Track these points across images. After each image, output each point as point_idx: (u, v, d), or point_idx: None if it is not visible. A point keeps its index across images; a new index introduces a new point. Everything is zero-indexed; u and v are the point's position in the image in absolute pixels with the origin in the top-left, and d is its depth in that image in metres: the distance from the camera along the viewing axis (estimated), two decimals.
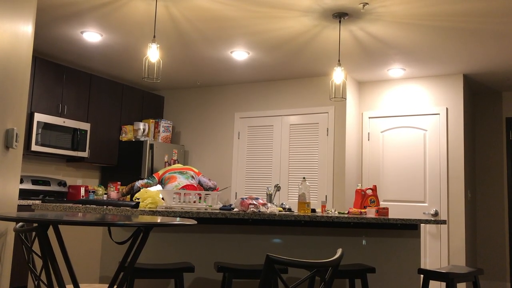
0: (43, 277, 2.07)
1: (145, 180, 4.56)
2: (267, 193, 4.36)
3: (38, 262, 3.01)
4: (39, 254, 2.21)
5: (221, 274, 3.35)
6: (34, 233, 2.09)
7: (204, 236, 3.38)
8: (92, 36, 4.78)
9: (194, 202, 3.50)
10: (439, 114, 5.74)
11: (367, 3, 3.79)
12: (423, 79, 5.88)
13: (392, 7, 3.84)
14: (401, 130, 5.94)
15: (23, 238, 2.13)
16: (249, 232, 3.50)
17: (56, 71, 5.53)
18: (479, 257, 6.34)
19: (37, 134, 5.20)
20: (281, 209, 3.93)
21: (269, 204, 3.41)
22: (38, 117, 5.22)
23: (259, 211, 3.28)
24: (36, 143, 5.19)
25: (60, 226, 3.04)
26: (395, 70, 5.60)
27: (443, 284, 5.44)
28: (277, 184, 4.63)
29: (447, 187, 5.60)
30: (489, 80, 5.89)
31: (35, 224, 1.90)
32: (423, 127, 5.82)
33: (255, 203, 3.35)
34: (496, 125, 6.45)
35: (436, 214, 5.64)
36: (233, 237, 3.45)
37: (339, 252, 1.85)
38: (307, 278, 1.74)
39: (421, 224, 5.07)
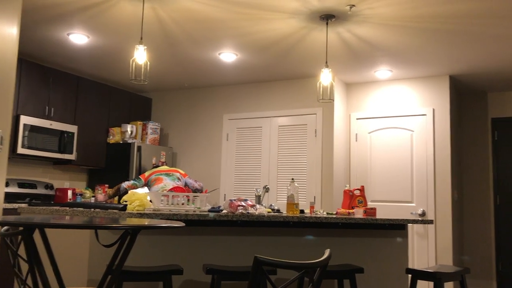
0: (29, 281, 2.05)
1: (132, 182, 4.53)
2: (255, 195, 4.36)
3: (24, 267, 2.97)
4: (25, 258, 2.18)
5: (209, 276, 3.34)
6: (20, 237, 2.06)
7: (193, 238, 3.37)
8: (78, 38, 4.75)
9: (183, 204, 3.48)
10: (425, 115, 5.79)
11: (354, 5, 3.81)
12: (409, 80, 5.93)
13: (378, 9, 3.87)
14: (388, 131, 5.98)
15: (8, 242, 2.11)
16: (238, 234, 3.49)
17: (43, 73, 5.48)
18: (466, 256, 6.40)
19: (23, 136, 5.14)
20: (270, 210, 3.93)
21: (257, 206, 3.41)
22: (24, 119, 5.17)
23: (248, 212, 3.28)
24: (23, 146, 5.14)
25: (46, 230, 3.01)
26: (382, 71, 5.64)
27: (431, 283, 5.48)
28: (266, 186, 4.63)
29: (434, 187, 5.64)
30: (475, 81, 5.96)
31: (20, 228, 1.88)
32: (410, 128, 5.86)
33: (244, 204, 3.35)
34: (482, 125, 6.52)
35: (423, 214, 5.68)
36: (222, 239, 3.45)
37: (327, 252, 1.86)
38: (296, 279, 1.75)
39: (409, 224, 5.11)
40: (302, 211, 3.95)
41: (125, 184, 4.52)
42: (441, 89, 5.76)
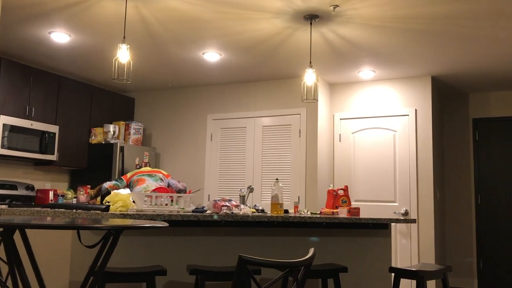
0: (10, 283, 2.01)
1: (113, 182, 4.48)
2: (240, 195, 4.35)
3: (4, 268, 2.92)
4: (5, 260, 2.14)
5: (193, 276, 3.32)
6: None
7: (177, 239, 3.35)
8: (60, 36, 4.68)
9: (166, 204, 3.46)
10: (408, 115, 5.85)
11: (337, 6, 3.83)
12: (392, 80, 5.98)
13: (362, 9, 3.89)
14: (371, 131, 6.02)
15: None
16: (222, 234, 3.48)
17: (23, 72, 5.39)
18: (448, 254, 6.48)
19: (3, 137, 5.05)
20: (254, 210, 3.92)
21: (242, 206, 3.40)
22: (4, 119, 5.09)
23: (232, 212, 3.27)
24: (2, 146, 5.05)
25: (27, 231, 2.96)
26: (365, 72, 5.68)
27: (414, 282, 5.53)
28: (250, 186, 4.62)
29: (417, 187, 5.70)
30: (457, 81, 6.04)
31: (0, 229, 1.85)
32: (392, 128, 5.91)
33: (228, 205, 3.33)
34: (463, 125, 6.61)
35: (406, 213, 5.73)
36: (206, 239, 3.43)
37: (311, 251, 1.86)
38: (280, 278, 1.74)
39: (392, 224, 5.14)
40: (286, 211, 3.95)
41: (106, 184, 4.47)
42: (423, 89, 5.82)
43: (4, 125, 5.08)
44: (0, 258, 2.08)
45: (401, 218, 3.74)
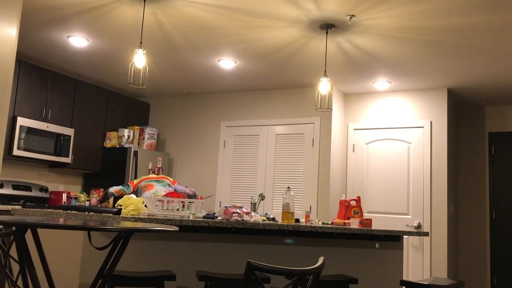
0: (20, 283, 2.02)
1: (120, 187, 4.44)
2: (251, 202, 4.34)
3: (16, 268, 2.94)
4: (17, 259, 2.16)
5: (202, 283, 3.32)
6: (12, 238, 2.04)
7: (187, 244, 3.35)
8: (78, 40, 4.75)
9: (178, 210, 3.46)
10: (423, 127, 5.80)
11: (354, 16, 3.82)
12: (408, 92, 5.94)
13: (378, 20, 3.88)
14: (385, 142, 5.98)
15: (0, 242, 2.09)
16: (232, 241, 3.47)
17: (41, 75, 5.47)
18: (461, 269, 6.38)
19: (19, 138, 5.12)
20: (265, 218, 3.91)
21: (253, 213, 3.39)
22: (21, 121, 5.16)
23: (243, 220, 3.26)
24: (18, 148, 5.12)
25: (39, 232, 2.98)
26: (381, 82, 5.65)
27: None
28: (262, 194, 4.61)
29: (430, 200, 5.63)
30: (473, 95, 5.97)
31: (13, 228, 1.86)
32: (407, 139, 5.86)
33: (239, 211, 3.33)
34: (479, 139, 6.53)
35: (419, 226, 5.66)
36: (216, 245, 3.43)
37: (320, 260, 1.84)
38: (289, 286, 1.73)
39: (404, 236, 5.09)
40: (297, 220, 3.93)
41: (112, 189, 4.44)
42: (439, 102, 5.77)
43: (20, 126, 5.14)
44: (11, 257, 2.10)
45: (414, 230, 3.70)
